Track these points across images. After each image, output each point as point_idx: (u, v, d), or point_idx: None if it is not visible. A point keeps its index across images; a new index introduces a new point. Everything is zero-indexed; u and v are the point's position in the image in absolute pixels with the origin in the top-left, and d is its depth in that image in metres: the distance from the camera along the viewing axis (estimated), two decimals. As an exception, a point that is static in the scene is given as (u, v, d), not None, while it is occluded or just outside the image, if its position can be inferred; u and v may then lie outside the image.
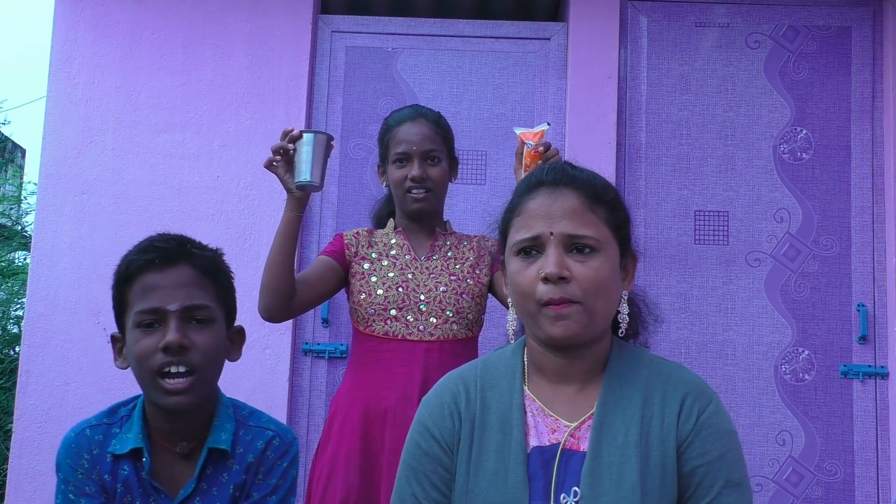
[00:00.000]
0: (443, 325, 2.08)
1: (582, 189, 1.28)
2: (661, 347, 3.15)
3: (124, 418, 1.53)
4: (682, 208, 3.33)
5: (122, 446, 1.49)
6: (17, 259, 6.36)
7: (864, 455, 3.19)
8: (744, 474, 1.25)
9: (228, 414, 1.53)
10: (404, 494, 1.31)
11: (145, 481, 1.48)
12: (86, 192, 3.33)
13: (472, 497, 1.25)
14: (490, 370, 1.35)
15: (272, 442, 1.53)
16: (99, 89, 3.39)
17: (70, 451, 1.50)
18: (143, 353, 1.44)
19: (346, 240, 2.18)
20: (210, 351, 1.47)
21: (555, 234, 1.24)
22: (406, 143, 2.13)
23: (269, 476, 1.51)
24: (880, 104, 3.34)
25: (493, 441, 1.27)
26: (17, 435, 3.20)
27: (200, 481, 1.48)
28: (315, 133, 2.01)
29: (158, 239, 1.52)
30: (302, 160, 1.98)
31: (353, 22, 3.49)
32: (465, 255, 2.19)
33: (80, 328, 3.24)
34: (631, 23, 3.43)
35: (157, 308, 1.45)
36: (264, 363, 3.19)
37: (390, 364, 2.06)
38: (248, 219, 3.30)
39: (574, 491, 1.22)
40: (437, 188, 2.16)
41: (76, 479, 1.48)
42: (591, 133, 3.32)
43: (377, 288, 2.09)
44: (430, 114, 2.20)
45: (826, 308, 3.26)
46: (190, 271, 1.48)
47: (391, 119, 2.22)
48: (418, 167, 2.12)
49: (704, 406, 1.26)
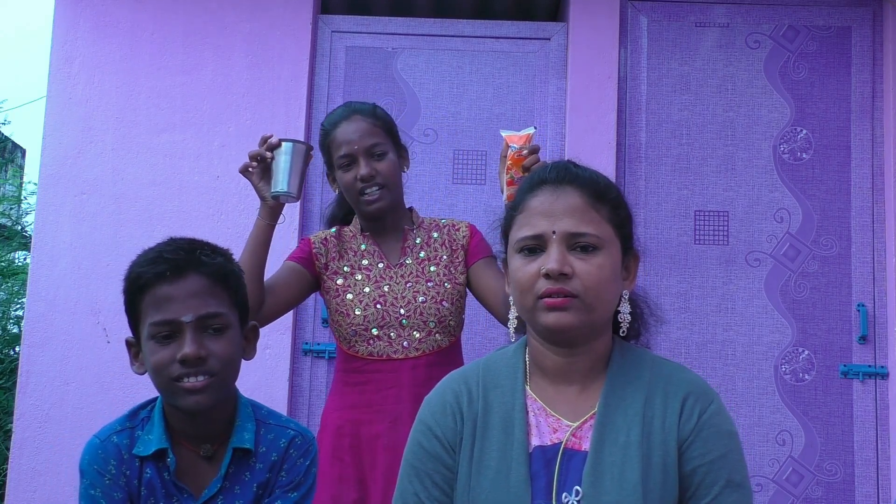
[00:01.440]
0: (427, 337, 2.03)
1: (585, 187, 1.28)
2: (661, 347, 3.15)
3: (144, 420, 1.53)
4: (682, 208, 3.33)
5: (145, 448, 1.49)
6: (17, 259, 6.36)
7: (864, 455, 3.19)
8: (745, 475, 1.26)
9: (248, 414, 1.54)
10: (406, 493, 1.31)
11: (168, 482, 1.49)
12: (86, 192, 3.33)
13: (474, 496, 1.25)
14: (492, 370, 1.35)
15: (294, 440, 1.55)
16: (99, 89, 3.39)
17: (97, 458, 1.49)
18: (160, 365, 1.45)
19: (314, 248, 2.10)
20: (227, 357, 1.48)
21: (557, 232, 1.25)
22: (346, 144, 2.04)
23: (291, 473, 1.53)
24: (880, 104, 3.34)
25: (496, 440, 1.28)
26: (17, 435, 3.20)
27: (225, 480, 1.50)
28: (294, 142, 1.97)
29: (168, 249, 1.50)
30: (279, 169, 1.94)
31: (353, 22, 3.49)
32: (437, 254, 2.11)
33: (80, 328, 3.24)
34: (631, 23, 3.43)
35: (172, 320, 1.44)
36: (264, 363, 3.19)
37: (379, 386, 2.02)
38: (248, 219, 3.26)
39: (576, 490, 1.23)
40: (389, 182, 2.04)
41: (104, 485, 1.48)
42: (591, 133, 3.32)
43: (354, 307, 2.03)
44: (364, 108, 2.10)
45: (826, 308, 3.26)
46: (201, 280, 1.47)
47: (326, 122, 2.12)
48: (365, 165, 2.02)
49: (706, 406, 1.27)
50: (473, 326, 3.07)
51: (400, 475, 1.34)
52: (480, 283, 2.07)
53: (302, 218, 3.32)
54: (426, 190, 3.36)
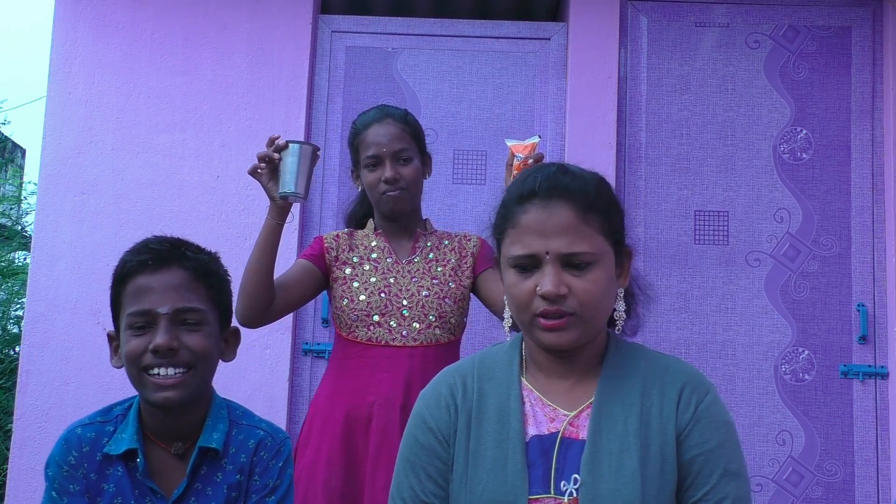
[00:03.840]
0: (426, 329, 2.08)
1: (575, 200, 1.27)
2: (661, 347, 3.14)
3: (119, 417, 1.53)
4: (682, 208, 3.33)
5: (116, 447, 1.49)
6: (17, 259, 6.36)
7: (864, 455, 3.18)
8: (742, 464, 1.27)
9: (222, 415, 1.53)
10: (402, 487, 1.32)
11: (139, 482, 1.48)
12: (86, 191, 3.33)
13: (471, 487, 1.26)
14: (487, 363, 1.36)
15: (263, 442, 1.53)
16: (99, 89, 3.39)
17: (60, 449, 1.50)
18: (132, 354, 1.46)
19: (325, 243, 2.17)
20: (200, 351, 1.47)
21: (550, 253, 1.24)
22: (375, 146, 2.11)
23: (264, 476, 1.51)
24: (880, 104, 3.34)
25: (491, 431, 1.29)
26: (17, 435, 3.20)
27: (194, 481, 1.48)
28: (301, 144, 2.00)
29: (153, 240, 1.53)
30: (287, 170, 1.97)
31: (353, 22, 3.49)
32: (446, 257, 2.18)
33: (80, 328, 3.24)
34: (631, 23, 3.43)
35: (148, 310, 1.45)
36: (264, 363, 3.19)
37: (373, 370, 2.06)
38: (248, 219, 3.30)
39: (574, 478, 1.23)
40: (411, 187, 2.14)
41: (61, 476, 1.48)
42: (591, 133, 3.32)
43: (359, 293, 2.09)
44: (396, 113, 2.18)
45: (826, 308, 3.26)
46: (182, 273, 1.48)
47: (358, 122, 2.20)
48: (390, 168, 2.10)
49: (703, 396, 1.28)
50: (474, 326, 3.07)
51: (396, 470, 1.34)
52: (489, 290, 2.12)
53: (303, 218, 3.32)
54: (426, 190, 3.29)
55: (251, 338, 1.68)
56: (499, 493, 1.24)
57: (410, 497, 1.30)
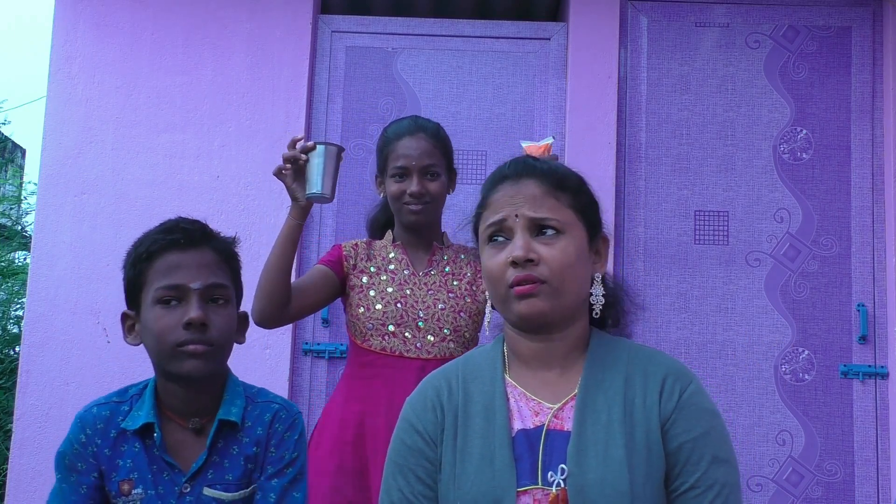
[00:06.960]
0: (440, 343, 2.09)
1: (543, 177, 1.33)
2: (661, 347, 3.15)
3: (135, 397, 1.57)
4: (682, 208, 3.33)
5: (133, 422, 1.53)
6: (17, 259, 6.36)
7: (864, 455, 3.19)
8: (731, 453, 1.28)
9: (238, 391, 1.58)
10: (391, 489, 1.33)
11: (157, 456, 1.52)
12: (86, 191, 3.33)
13: (459, 483, 1.27)
14: (471, 364, 1.39)
15: (278, 414, 1.58)
16: (99, 89, 3.39)
17: (74, 427, 1.55)
18: (163, 329, 1.49)
19: (344, 251, 2.18)
20: (226, 329, 1.53)
21: (519, 216, 1.29)
22: (405, 158, 2.11)
23: (280, 448, 1.56)
24: (880, 104, 3.34)
25: (478, 428, 1.30)
26: (17, 435, 3.20)
27: (212, 454, 1.53)
28: (327, 145, 2.01)
29: (182, 221, 1.60)
30: (313, 172, 1.99)
31: (353, 22, 3.49)
32: (462, 271, 2.19)
33: (80, 328, 3.24)
34: (631, 23, 3.43)
35: (180, 285, 1.50)
36: (264, 363, 3.19)
37: (386, 381, 2.06)
38: (248, 219, 3.30)
39: (561, 468, 1.24)
40: (434, 202, 2.15)
41: (71, 452, 1.53)
42: (591, 133, 3.32)
43: (375, 303, 2.10)
44: (429, 127, 2.18)
45: (826, 308, 3.26)
46: (211, 253, 1.55)
47: (390, 131, 2.19)
48: (417, 183, 2.10)
49: (685, 386, 1.29)
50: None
51: (384, 473, 1.36)
52: None
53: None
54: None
55: (251, 338, 1.69)
56: (487, 488, 1.25)
57: (399, 499, 1.31)
